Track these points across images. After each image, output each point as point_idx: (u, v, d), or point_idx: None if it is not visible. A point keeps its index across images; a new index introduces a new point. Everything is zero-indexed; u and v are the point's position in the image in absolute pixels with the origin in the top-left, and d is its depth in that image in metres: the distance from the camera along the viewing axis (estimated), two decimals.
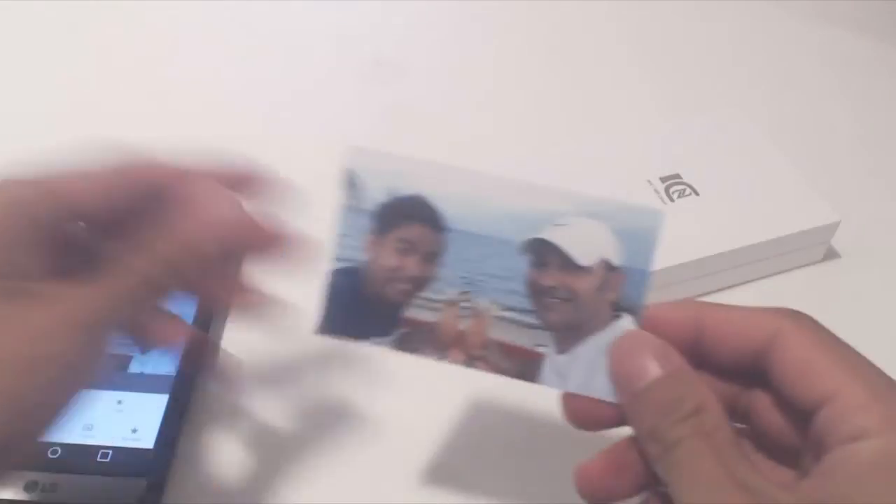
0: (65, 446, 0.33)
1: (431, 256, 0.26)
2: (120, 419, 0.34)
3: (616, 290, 0.25)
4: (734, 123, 0.47)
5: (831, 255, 0.45)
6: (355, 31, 0.58)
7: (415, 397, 0.37)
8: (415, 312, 0.26)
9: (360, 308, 0.27)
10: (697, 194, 0.42)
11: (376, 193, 0.26)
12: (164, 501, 0.33)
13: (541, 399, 0.27)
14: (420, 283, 0.26)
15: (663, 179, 0.43)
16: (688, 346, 0.25)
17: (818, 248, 0.44)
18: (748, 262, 0.41)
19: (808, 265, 0.44)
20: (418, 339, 0.27)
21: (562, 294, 0.26)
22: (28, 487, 0.32)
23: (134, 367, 0.36)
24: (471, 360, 0.26)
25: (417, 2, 0.60)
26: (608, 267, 0.25)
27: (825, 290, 0.43)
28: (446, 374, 0.27)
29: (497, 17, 0.59)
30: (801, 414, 0.23)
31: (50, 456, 0.33)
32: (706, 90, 0.54)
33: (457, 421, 0.37)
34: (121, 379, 0.35)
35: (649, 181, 0.43)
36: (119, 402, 0.35)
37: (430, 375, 0.32)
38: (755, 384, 0.25)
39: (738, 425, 0.26)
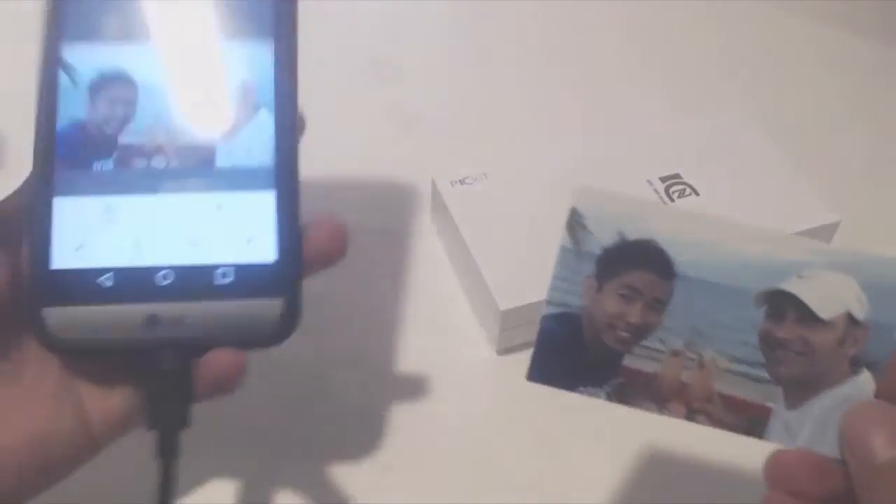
0: (176, 269, 0.27)
1: (657, 304, 0.25)
2: (227, 228, 0.28)
3: (858, 345, 0.24)
4: (734, 123, 0.46)
5: None
6: (356, 31, 0.57)
7: None
8: (634, 362, 0.25)
9: (575, 356, 0.25)
10: (697, 194, 0.42)
11: (603, 237, 0.24)
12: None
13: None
14: (643, 331, 0.25)
15: (663, 179, 0.43)
16: None
17: None
18: None
19: None
20: (636, 391, 0.25)
21: (797, 348, 0.24)
22: (149, 324, 0.26)
23: (222, 160, 0.28)
24: (692, 414, 0.25)
25: (418, 1, 0.58)
26: (851, 321, 0.24)
27: None
28: None
29: (497, 16, 0.58)
30: None
31: (161, 282, 0.27)
32: (706, 90, 0.54)
33: None
34: (211, 176, 0.28)
35: (649, 181, 0.42)
36: (219, 206, 0.28)
37: None
38: None
39: None
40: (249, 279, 0.27)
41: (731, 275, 0.24)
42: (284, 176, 0.28)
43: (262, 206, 0.28)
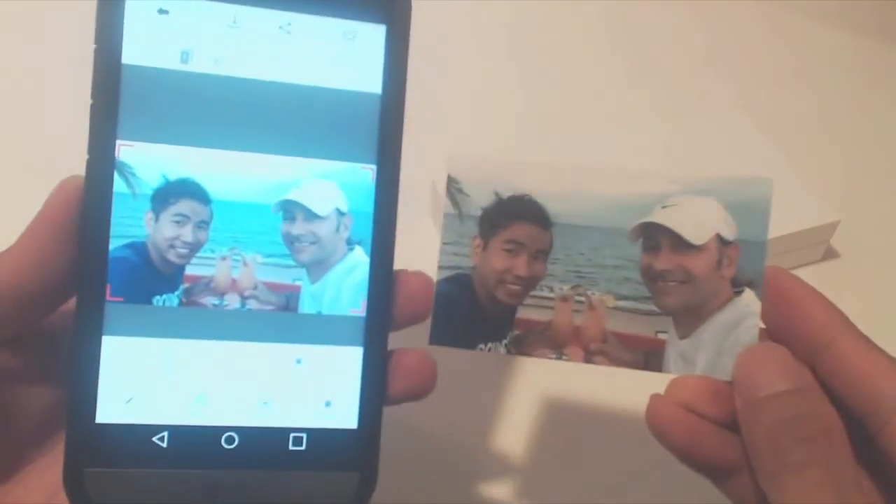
0: (243, 431, 0.24)
1: (540, 254, 0.26)
2: (305, 387, 0.25)
3: (733, 264, 0.25)
4: (735, 123, 0.47)
5: (830, 254, 0.45)
6: None
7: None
8: (527, 313, 0.26)
9: (471, 315, 0.26)
10: None
11: (481, 198, 0.26)
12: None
13: None
14: (531, 282, 0.26)
15: None
16: (810, 350, 0.24)
17: (817, 247, 0.44)
18: None
19: (807, 264, 0.44)
20: (533, 340, 0.26)
21: (678, 276, 0.25)
22: (208, 494, 0.24)
23: (307, 305, 0.25)
24: (590, 356, 0.26)
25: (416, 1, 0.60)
26: (722, 242, 0.25)
27: (824, 289, 0.41)
28: None
29: (496, 17, 0.59)
30: None
31: (225, 446, 0.24)
32: (706, 90, 0.54)
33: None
34: (292, 325, 0.25)
35: None
36: (298, 360, 0.25)
37: None
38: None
39: None
40: (324, 448, 0.25)
41: (603, 216, 0.25)
42: (376, 329, 0.25)
43: (347, 364, 0.25)
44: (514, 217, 0.26)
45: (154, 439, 0.24)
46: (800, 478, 0.22)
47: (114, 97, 0.23)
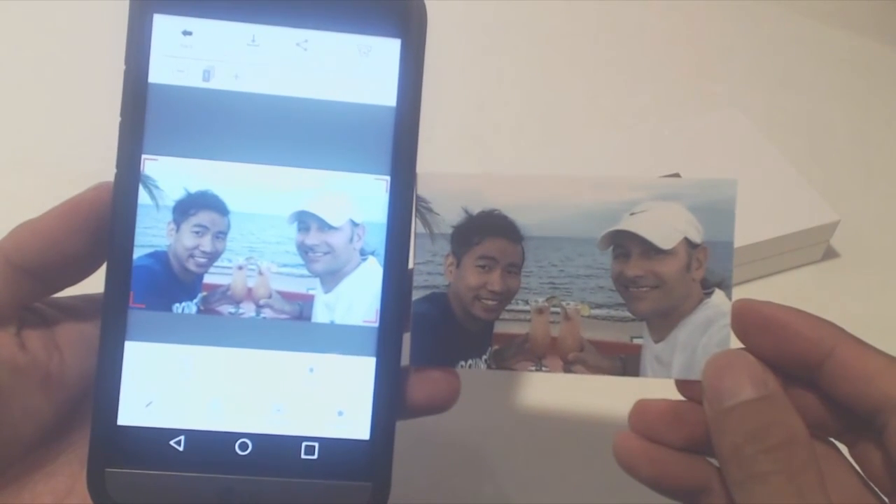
0: (257, 438, 0.25)
1: (513, 268, 0.26)
2: (317, 396, 0.25)
3: (702, 267, 0.26)
4: (734, 123, 0.47)
5: (830, 254, 0.45)
6: None
7: None
8: (505, 327, 0.26)
9: (450, 333, 0.26)
10: None
11: (450, 216, 0.26)
12: None
13: None
14: (506, 296, 0.26)
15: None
16: (809, 366, 0.24)
17: (817, 247, 0.44)
18: (748, 261, 0.42)
19: (807, 264, 0.45)
20: (512, 354, 0.26)
21: (649, 282, 0.26)
22: (222, 498, 0.24)
23: (320, 314, 0.26)
24: (568, 366, 0.26)
25: None
26: (690, 245, 0.26)
27: (824, 289, 0.44)
28: None
29: (495, 17, 0.59)
30: None
31: (239, 452, 0.25)
32: (706, 90, 0.55)
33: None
34: (305, 334, 0.25)
35: None
36: (311, 369, 0.25)
37: None
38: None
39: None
40: (337, 457, 0.25)
41: (572, 227, 0.26)
42: (389, 340, 0.25)
43: (359, 374, 0.25)
44: (486, 233, 0.26)
45: (171, 443, 0.25)
46: (763, 486, 0.22)
47: (140, 115, 0.25)
